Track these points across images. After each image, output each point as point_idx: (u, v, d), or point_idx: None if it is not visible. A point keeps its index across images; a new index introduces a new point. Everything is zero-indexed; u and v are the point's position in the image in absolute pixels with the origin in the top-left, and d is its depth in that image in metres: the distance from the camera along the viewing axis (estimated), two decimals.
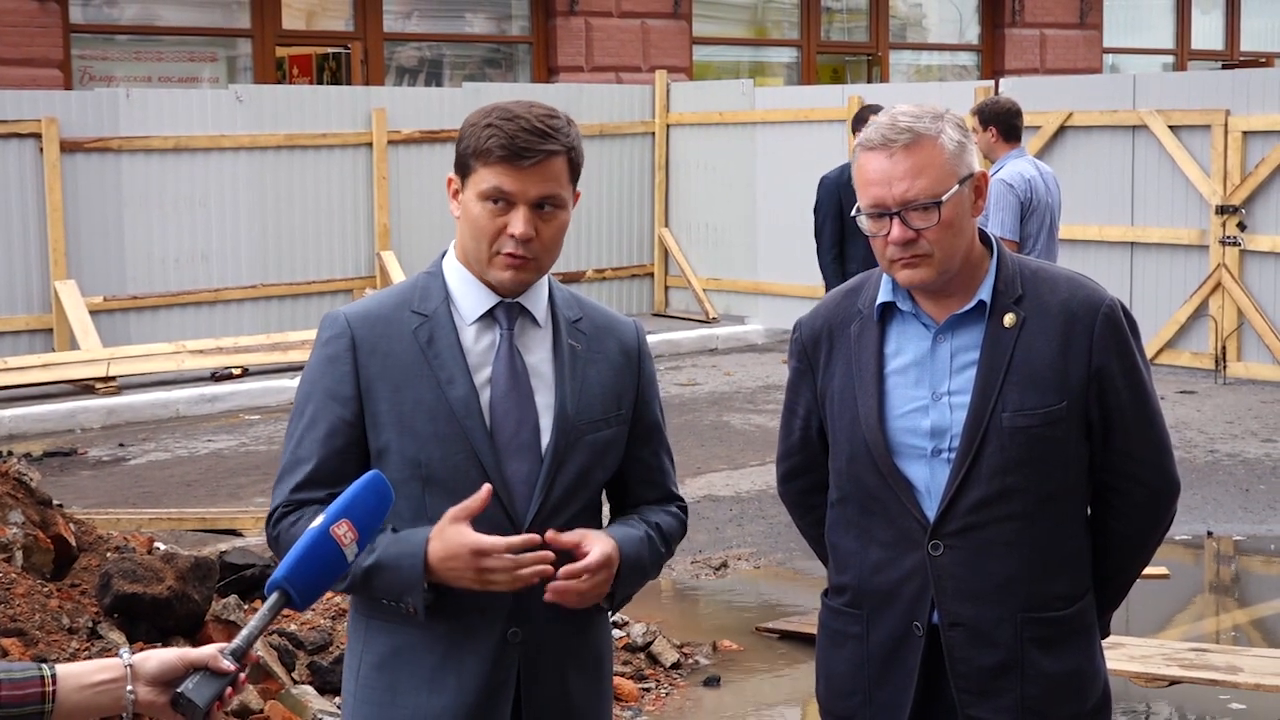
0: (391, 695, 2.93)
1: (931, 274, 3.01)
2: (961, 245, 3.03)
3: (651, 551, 3.01)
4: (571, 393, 2.93)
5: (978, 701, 3.06)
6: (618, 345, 3.03)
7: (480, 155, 2.83)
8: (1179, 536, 8.54)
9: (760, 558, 8.28)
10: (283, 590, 2.53)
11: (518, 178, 2.82)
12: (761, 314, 15.73)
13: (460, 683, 2.88)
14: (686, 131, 16.53)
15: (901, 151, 2.98)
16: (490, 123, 2.84)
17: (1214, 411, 11.63)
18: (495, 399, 2.89)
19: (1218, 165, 12.70)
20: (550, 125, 2.87)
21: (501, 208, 2.84)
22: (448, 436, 2.86)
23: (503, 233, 2.84)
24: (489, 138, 2.83)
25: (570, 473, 2.92)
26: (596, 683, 3.05)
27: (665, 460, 3.13)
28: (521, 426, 2.90)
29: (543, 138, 2.84)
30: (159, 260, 13.70)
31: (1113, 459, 3.10)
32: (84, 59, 15.41)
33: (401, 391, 2.88)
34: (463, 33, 17.93)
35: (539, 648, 2.92)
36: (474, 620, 2.88)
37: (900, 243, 2.99)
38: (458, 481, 2.85)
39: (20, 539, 5.47)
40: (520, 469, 2.89)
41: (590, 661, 3.03)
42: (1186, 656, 6.20)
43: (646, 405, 3.07)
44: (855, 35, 20.71)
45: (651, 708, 6.15)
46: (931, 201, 2.97)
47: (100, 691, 2.40)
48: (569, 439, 2.91)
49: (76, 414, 11.81)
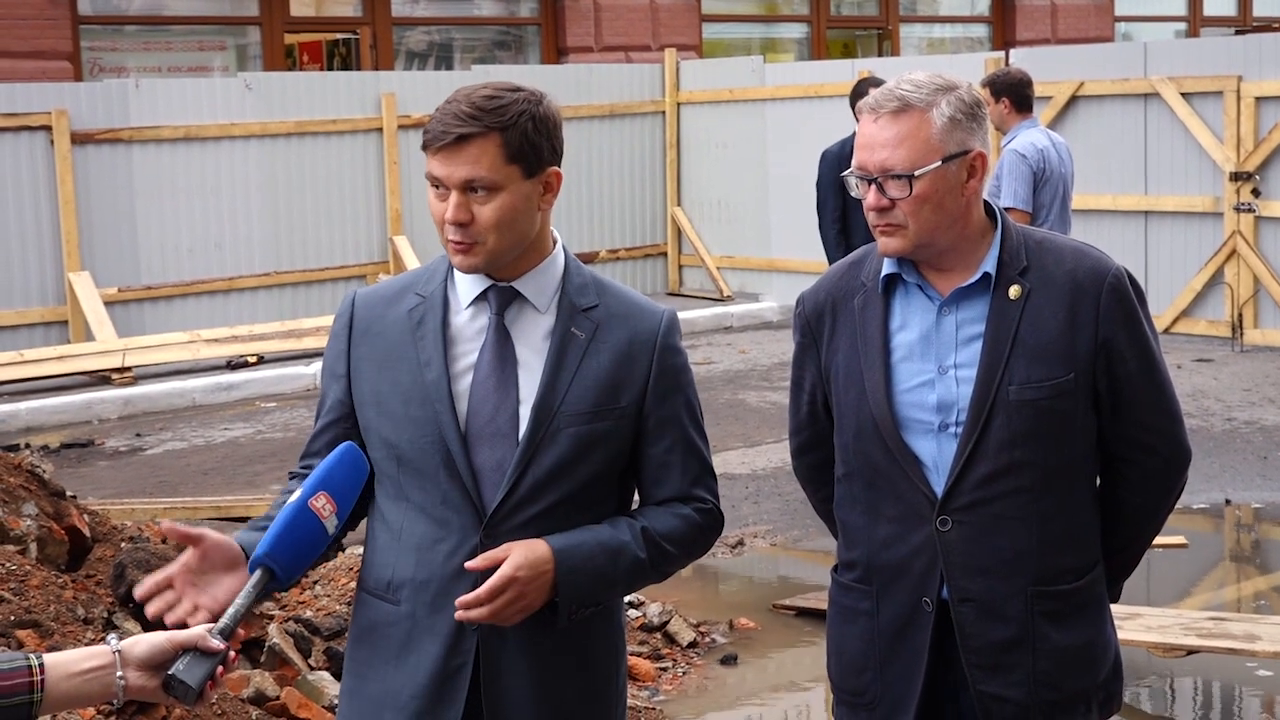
0: (367, 668, 2.94)
1: (906, 244, 2.99)
2: (941, 221, 2.99)
3: (625, 558, 2.85)
4: (559, 381, 2.85)
5: (989, 676, 3.04)
6: (629, 336, 2.92)
7: (425, 142, 2.82)
8: (1197, 505, 8.51)
9: (777, 535, 8.27)
10: (265, 567, 2.53)
11: (443, 162, 2.78)
12: (775, 291, 15.70)
13: (418, 663, 2.86)
14: (697, 110, 16.49)
15: (888, 118, 2.97)
16: (440, 108, 2.83)
17: (1231, 379, 11.59)
18: (475, 383, 2.85)
19: (1231, 132, 12.64)
20: (481, 106, 2.76)
21: (441, 193, 2.81)
22: (419, 419, 2.84)
23: (443, 218, 2.82)
24: (431, 124, 2.81)
25: (546, 464, 2.83)
26: (583, 682, 2.92)
27: (683, 458, 2.96)
28: (499, 412, 2.84)
29: (463, 120, 2.75)
30: (172, 250, 13.72)
31: (1123, 429, 3.08)
32: (93, 50, 15.42)
33: (383, 372, 2.89)
34: (471, 16, 17.90)
35: (501, 639, 2.84)
36: (440, 602, 2.84)
37: (874, 209, 2.99)
38: (425, 464, 2.84)
39: (34, 531, 5.48)
40: (492, 455, 2.84)
41: (572, 659, 2.90)
42: (1205, 626, 6.17)
43: (660, 400, 2.93)
44: (865, 9, 20.65)
45: (669, 687, 6.15)
46: (905, 174, 2.95)
47: (89, 679, 2.38)
48: (547, 428, 2.83)
49: (93, 405, 11.83)
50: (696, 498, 2.98)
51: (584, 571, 2.81)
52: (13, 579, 5.08)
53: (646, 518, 2.93)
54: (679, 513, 2.95)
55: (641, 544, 2.89)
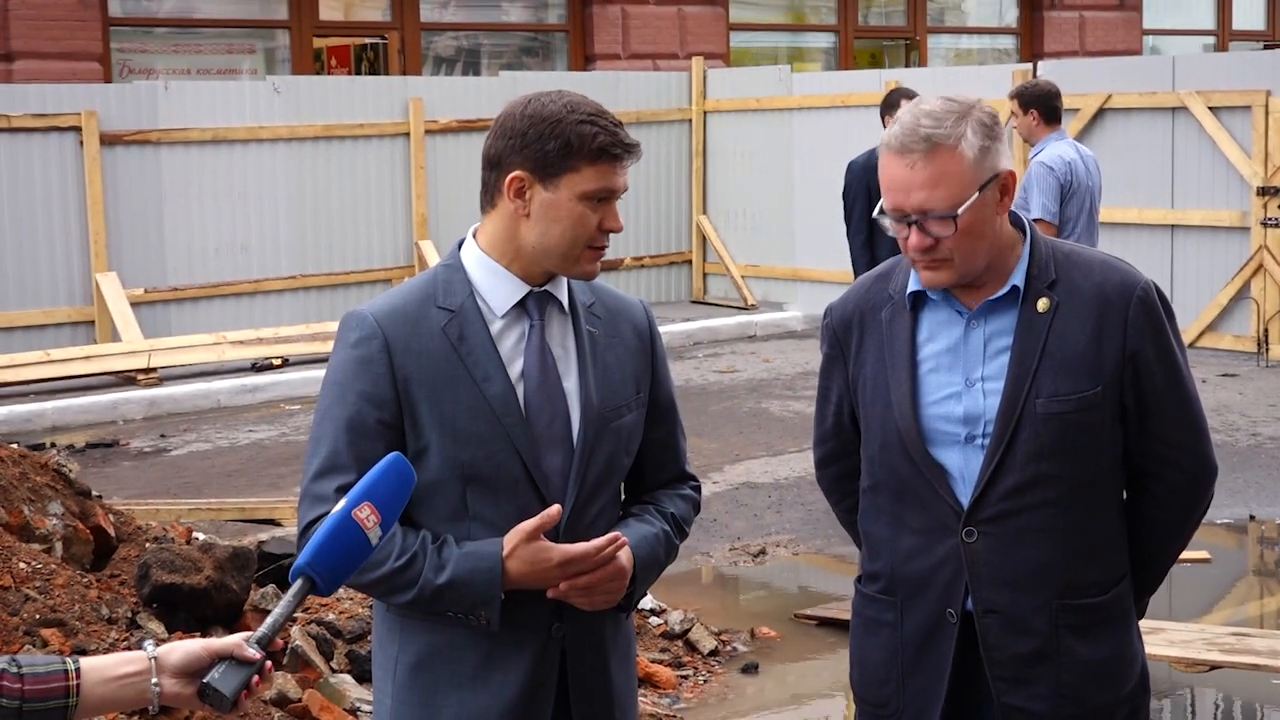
0: (432, 695, 2.90)
1: (952, 276, 2.99)
2: (983, 247, 2.98)
3: (667, 546, 3.03)
4: (595, 381, 2.91)
5: (1013, 689, 3.04)
6: (631, 328, 3.03)
7: (587, 155, 2.80)
8: (1221, 520, 8.48)
9: (799, 544, 8.26)
10: (307, 576, 2.50)
11: (618, 175, 2.84)
12: (800, 300, 15.70)
13: (505, 679, 2.87)
14: (724, 118, 16.49)
15: (921, 161, 2.92)
16: (584, 120, 2.81)
17: (1256, 394, 11.55)
18: (529, 393, 2.87)
19: (1259, 146, 12.60)
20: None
21: (599, 205, 2.84)
22: (489, 436, 2.83)
23: (598, 229, 2.85)
24: (595, 136, 2.80)
25: (600, 462, 2.91)
26: (629, 669, 3.07)
27: (680, 439, 3.14)
28: (555, 419, 2.88)
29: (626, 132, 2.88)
30: (199, 252, 13.76)
31: (1149, 444, 3.07)
32: (123, 52, 15.49)
33: (439, 391, 2.84)
34: (499, 21, 17.94)
35: (581, 641, 2.92)
36: (519, 617, 2.86)
37: (919, 250, 2.96)
38: (501, 480, 2.85)
39: (60, 530, 5.51)
40: (555, 462, 2.88)
41: (624, 649, 3.05)
42: (1227, 641, 6.15)
43: (660, 385, 3.08)
44: (893, 20, 20.63)
45: (689, 695, 6.15)
46: (948, 214, 2.93)
47: (125, 684, 2.38)
48: (597, 428, 2.90)
49: (118, 405, 11.88)
50: (691, 476, 3.17)
51: (648, 564, 2.96)
52: (38, 577, 5.11)
53: (667, 503, 3.07)
54: (683, 494, 3.12)
55: (675, 531, 3.05)
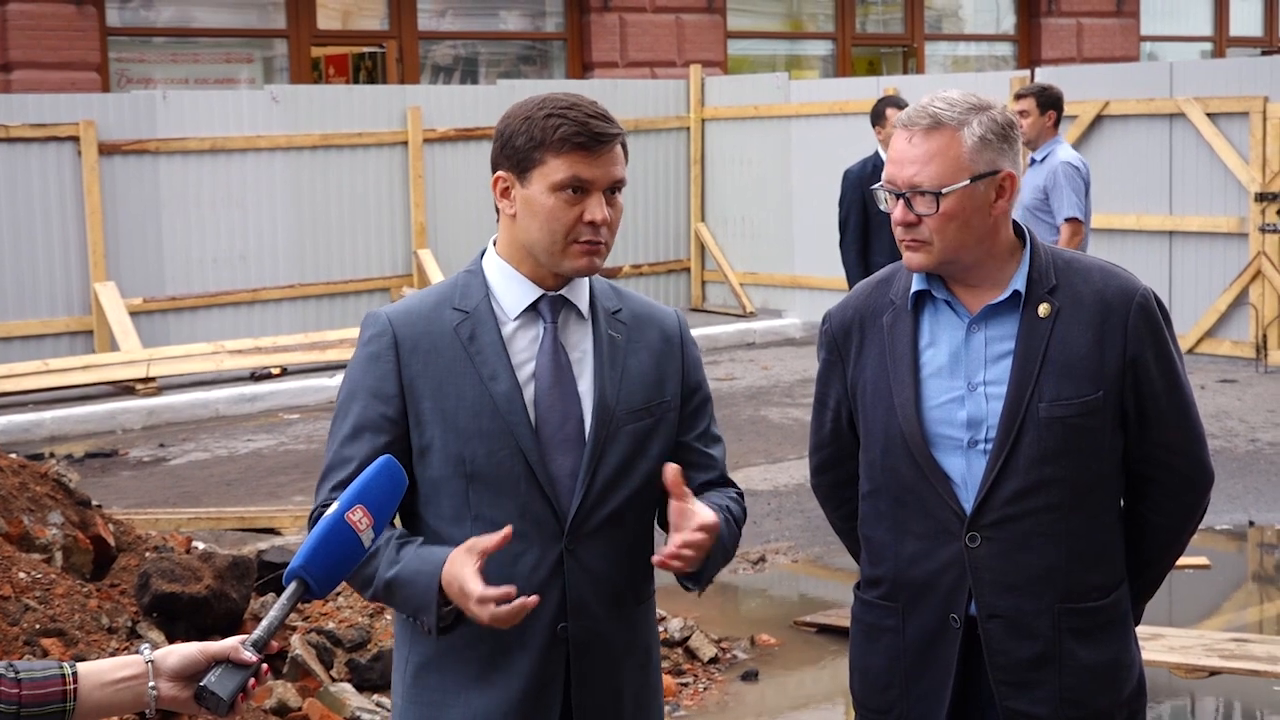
0: (441, 695, 2.92)
1: (930, 260, 3.02)
2: (967, 240, 3.01)
3: (730, 534, 2.96)
4: (611, 383, 2.92)
5: (1016, 693, 3.05)
6: (659, 332, 3.02)
7: (550, 146, 2.82)
8: (1220, 526, 8.49)
9: (798, 552, 8.27)
10: (300, 579, 2.51)
11: (593, 164, 2.83)
12: (798, 307, 15.70)
13: (509, 679, 2.88)
14: (722, 126, 16.51)
15: (920, 135, 3.00)
16: (552, 113, 2.84)
17: (1255, 400, 11.55)
18: (540, 393, 2.89)
19: (1256, 152, 12.61)
20: (607, 112, 2.90)
21: (576, 196, 2.83)
22: (492, 433, 2.85)
23: (579, 222, 2.84)
24: (558, 127, 2.82)
25: (611, 464, 2.90)
26: (647, 674, 3.04)
27: (716, 444, 3.09)
28: (566, 420, 2.89)
29: (608, 122, 2.87)
30: (197, 261, 13.77)
31: (1147, 449, 3.09)
32: (121, 62, 15.50)
33: (444, 388, 2.87)
34: (497, 30, 17.95)
35: (588, 641, 2.91)
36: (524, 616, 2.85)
37: (900, 224, 3.02)
38: (503, 478, 2.86)
39: (60, 540, 5.51)
40: (565, 463, 2.88)
41: (640, 653, 3.02)
42: (1227, 647, 6.15)
43: (695, 390, 3.06)
44: (891, 27, 20.65)
45: (689, 702, 6.15)
46: (933, 191, 2.97)
47: (122, 689, 2.39)
48: (609, 430, 2.90)
49: (117, 415, 11.88)
50: (734, 483, 3.11)
51: (722, 543, 2.90)
52: (38, 587, 5.11)
53: (721, 499, 3.01)
54: (731, 496, 3.07)
55: (736, 523, 3.01)
